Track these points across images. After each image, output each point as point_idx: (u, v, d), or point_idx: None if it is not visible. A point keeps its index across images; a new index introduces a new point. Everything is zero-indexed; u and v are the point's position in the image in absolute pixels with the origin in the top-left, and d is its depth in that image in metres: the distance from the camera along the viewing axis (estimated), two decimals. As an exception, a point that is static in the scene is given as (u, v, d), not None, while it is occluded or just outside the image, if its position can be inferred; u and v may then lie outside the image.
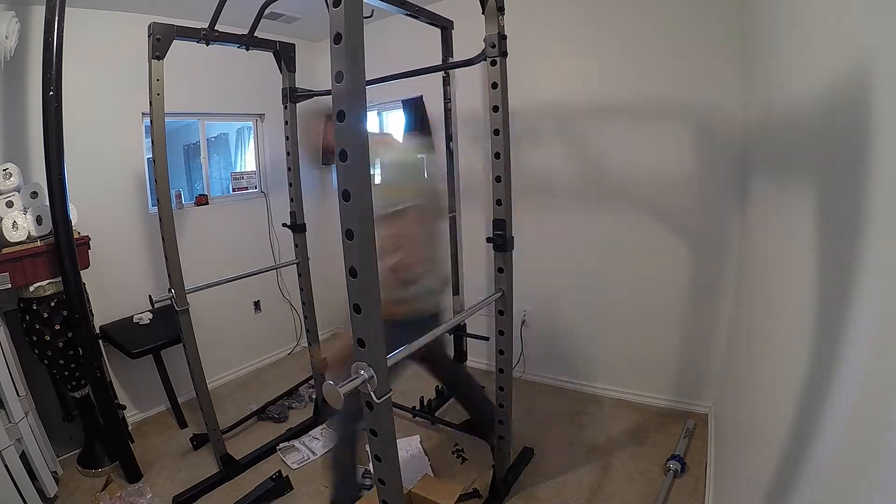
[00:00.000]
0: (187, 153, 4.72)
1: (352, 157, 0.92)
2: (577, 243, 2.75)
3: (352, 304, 0.99)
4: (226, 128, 4.50)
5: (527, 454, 2.25)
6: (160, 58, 1.89)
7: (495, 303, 1.80)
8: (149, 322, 2.65)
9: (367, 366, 1.01)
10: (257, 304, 3.47)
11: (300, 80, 2.41)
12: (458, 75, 2.66)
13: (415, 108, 3.11)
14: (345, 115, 0.91)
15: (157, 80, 1.90)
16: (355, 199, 0.94)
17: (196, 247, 2.92)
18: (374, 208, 0.98)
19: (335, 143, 0.93)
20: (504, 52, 1.64)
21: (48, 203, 1.98)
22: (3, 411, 1.91)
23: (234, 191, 3.47)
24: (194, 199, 3.16)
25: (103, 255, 2.47)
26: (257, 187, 3.50)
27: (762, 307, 1.55)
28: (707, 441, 2.20)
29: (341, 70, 0.90)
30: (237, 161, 4.38)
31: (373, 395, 1.01)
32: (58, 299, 2.08)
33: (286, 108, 2.38)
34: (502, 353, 1.87)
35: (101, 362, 2.23)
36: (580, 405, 2.70)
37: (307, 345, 2.89)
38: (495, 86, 1.64)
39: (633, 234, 2.56)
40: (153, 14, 2.40)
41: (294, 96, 2.37)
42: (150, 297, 2.13)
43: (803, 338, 0.96)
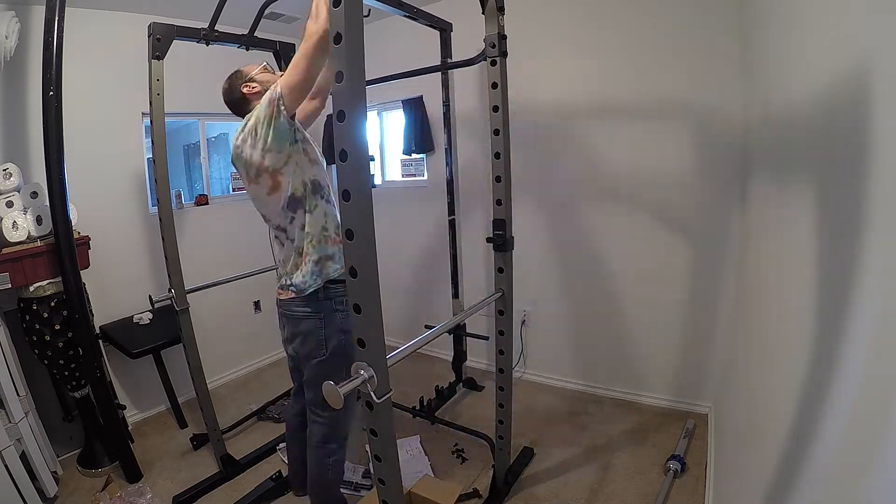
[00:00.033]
0: (187, 153, 4.72)
1: (352, 157, 0.92)
2: (577, 243, 2.75)
3: (352, 303, 0.99)
4: (226, 128, 4.48)
5: (527, 454, 2.25)
6: (160, 58, 1.89)
7: (495, 303, 1.80)
8: (149, 322, 2.65)
9: (367, 366, 1.01)
10: (257, 304, 3.47)
11: (300, 80, 2.41)
12: (458, 75, 2.67)
13: (415, 109, 3.11)
14: (345, 115, 0.91)
15: (157, 80, 1.90)
16: (355, 199, 0.94)
17: (196, 247, 2.92)
18: None
19: (335, 144, 0.94)
20: (504, 52, 1.64)
21: (48, 203, 1.98)
22: (3, 411, 1.91)
23: (234, 191, 3.47)
24: (194, 199, 3.16)
25: (103, 255, 2.47)
26: (257, 187, 3.49)
27: (762, 307, 1.55)
28: (707, 441, 2.20)
29: (341, 70, 0.90)
30: (237, 161, 4.37)
31: (373, 395, 1.01)
32: (58, 299, 2.08)
33: (286, 107, 2.38)
34: (502, 353, 1.87)
35: (101, 362, 2.23)
36: (580, 405, 2.70)
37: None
38: (495, 86, 1.64)
39: (632, 233, 2.56)
40: (153, 14, 2.40)
41: (294, 96, 2.37)
42: (150, 297, 2.14)
43: (803, 338, 0.96)
